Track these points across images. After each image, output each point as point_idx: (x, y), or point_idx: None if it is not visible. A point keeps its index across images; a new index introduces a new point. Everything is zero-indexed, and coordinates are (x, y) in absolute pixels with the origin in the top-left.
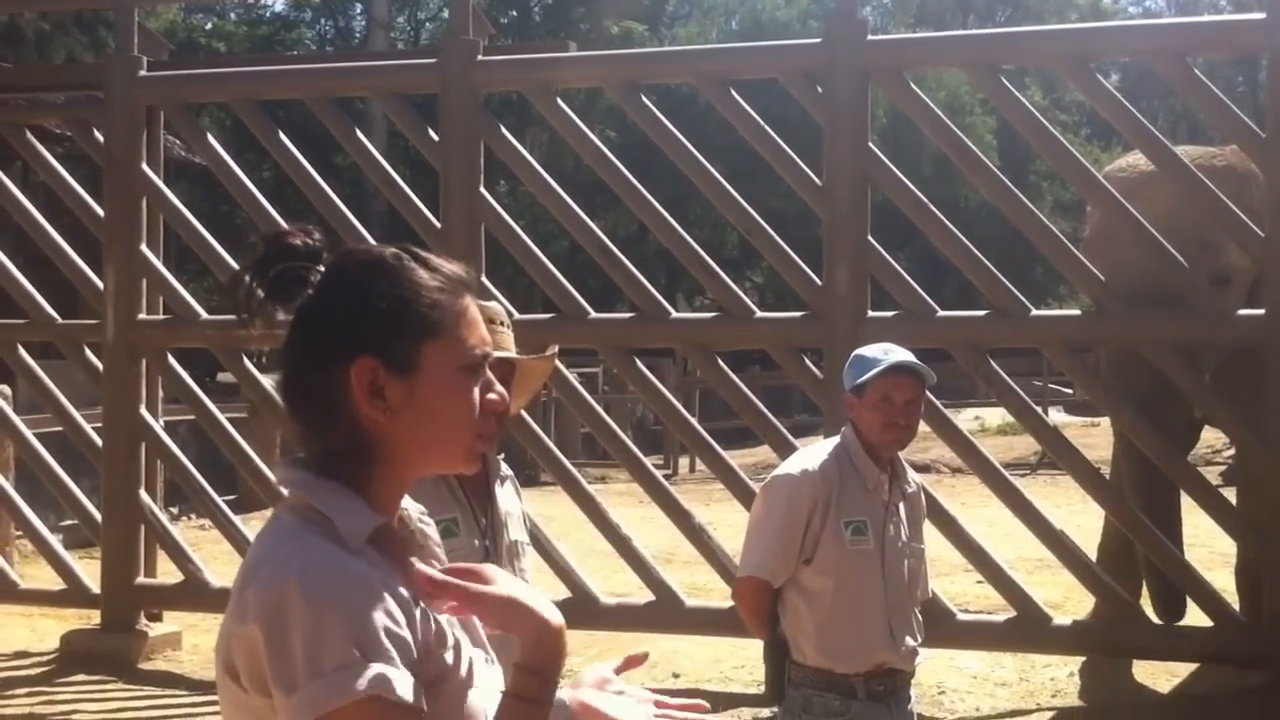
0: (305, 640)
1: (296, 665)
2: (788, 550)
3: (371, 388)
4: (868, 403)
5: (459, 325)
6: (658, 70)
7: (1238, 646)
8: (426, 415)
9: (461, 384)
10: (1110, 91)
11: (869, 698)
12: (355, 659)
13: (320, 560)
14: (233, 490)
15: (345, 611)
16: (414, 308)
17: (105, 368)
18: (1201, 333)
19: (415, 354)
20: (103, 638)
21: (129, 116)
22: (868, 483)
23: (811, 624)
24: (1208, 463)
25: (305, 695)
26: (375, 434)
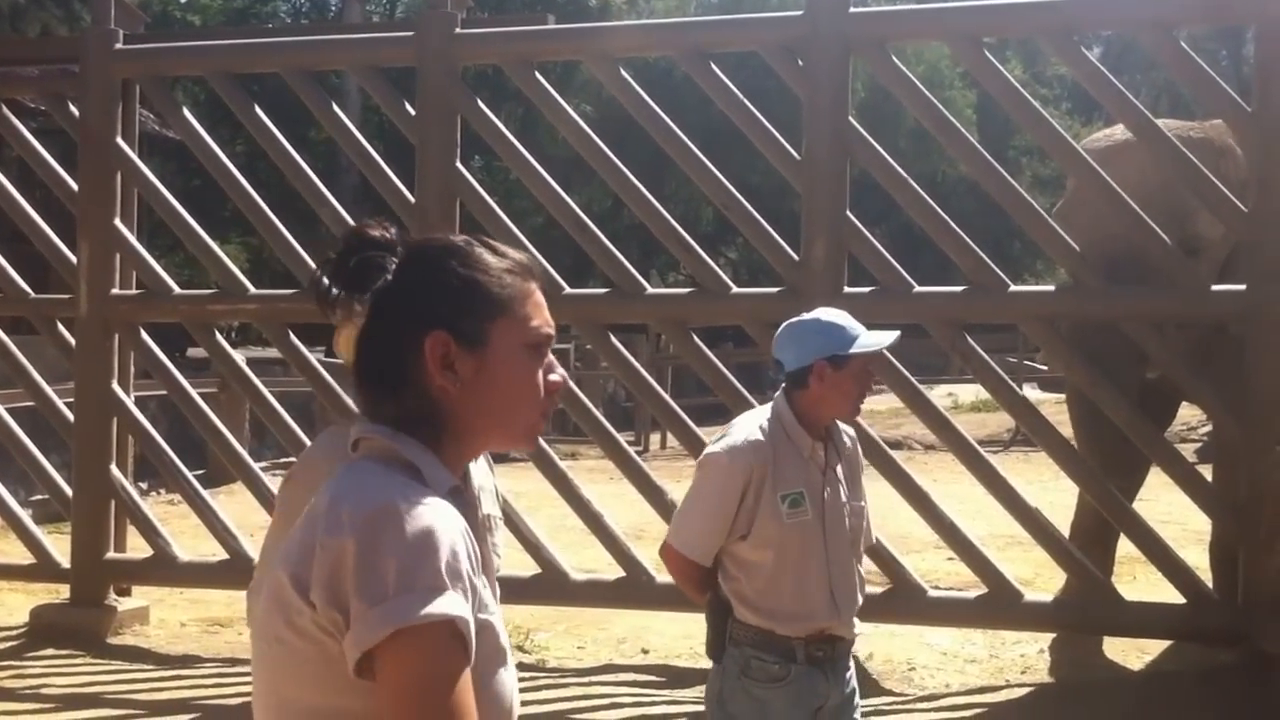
0: (402, 556)
1: (388, 578)
2: (717, 531)
3: (444, 360)
4: (848, 373)
5: (525, 306)
6: (636, 43)
7: (1210, 624)
8: (493, 389)
9: (526, 361)
10: (1093, 64)
11: (808, 662)
12: (444, 584)
13: (418, 493)
14: (202, 465)
15: (441, 539)
16: (484, 287)
17: (77, 342)
18: (1181, 308)
19: (485, 330)
20: (72, 612)
21: (104, 90)
22: (803, 452)
23: (751, 591)
24: (1183, 440)
25: (393, 605)
26: (445, 405)
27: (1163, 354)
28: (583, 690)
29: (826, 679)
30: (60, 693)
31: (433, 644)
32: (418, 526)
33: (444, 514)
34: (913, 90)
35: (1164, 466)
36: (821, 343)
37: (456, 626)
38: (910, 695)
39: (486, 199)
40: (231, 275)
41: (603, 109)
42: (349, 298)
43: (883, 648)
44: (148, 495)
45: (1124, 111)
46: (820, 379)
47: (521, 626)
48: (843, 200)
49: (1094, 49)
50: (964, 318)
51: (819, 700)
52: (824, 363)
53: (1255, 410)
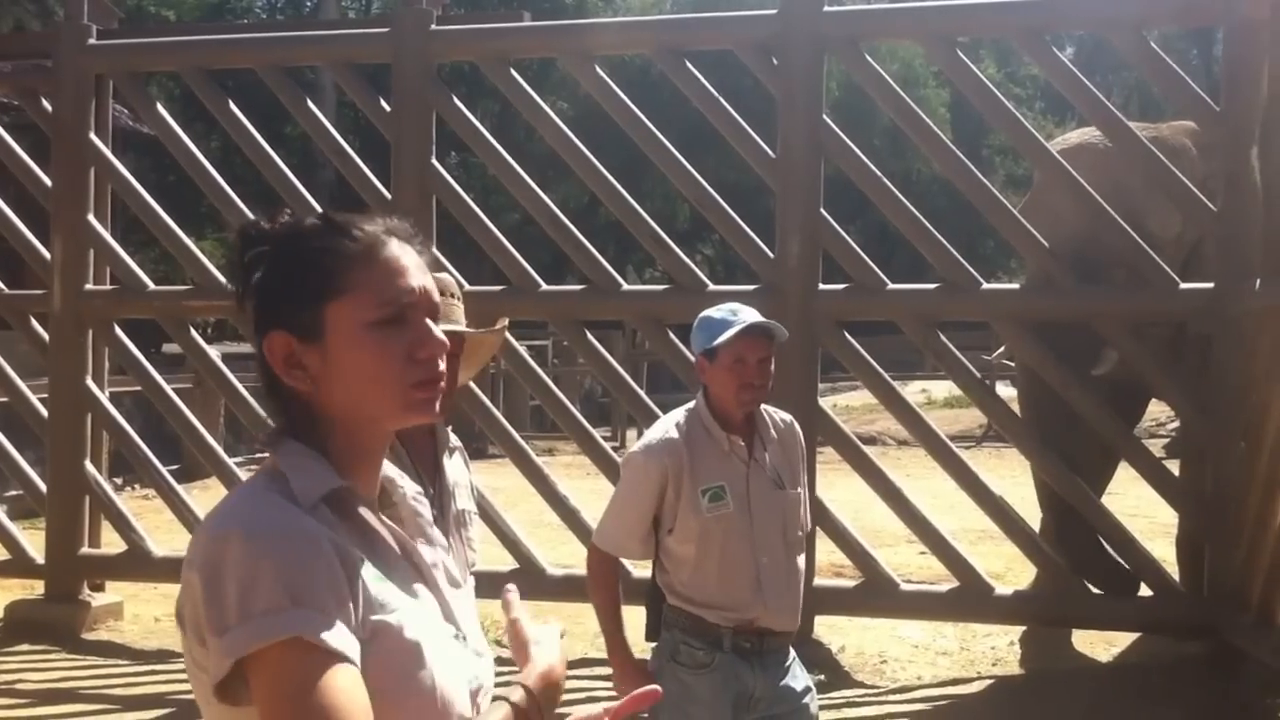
0: (239, 585)
1: (229, 609)
2: (632, 526)
3: (289, 361)
4: (721, 365)
5: (364, 280)
6: (611, 41)
7: (1177, 617)
8: (343, 378)
9: (373, 341)
10: (1065, 65)
11: (734, 651)
12: (284, 604)
13: (266, 513)
14: (177, 460)
15: (281, 559)
16: (314, 272)
17: (51, 338)
18: (1151, 306)
19: (320, 319)
20: (46, 608)
21: (77, 85)
22: (722, 445)
23: (679, 582)
24: (1152, 435)
25: (232, 636)
26: (312, 404)
27: (1133, 351)
28: None
29: (753, 670)
30: (35, 688)
31: (279, 664)
32: (254, 550)
33: (290, 531)
34: (887, 89)
35: (1132, 461)
36: (700, 339)
37: (305, 640)
38: (883, 687)
39: (462, 195)
40: (206, 271)
41: (579, 106)
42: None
43: (855, 640)
44: (122, 490)
45: (1095, 111)
46: (703, 373)
47: (499, 621)
48: (817, 198)
49: (1066, 49)
50: (937, 315)
51: (743, 690)
52: (701, 357)
53: (1222, 407)
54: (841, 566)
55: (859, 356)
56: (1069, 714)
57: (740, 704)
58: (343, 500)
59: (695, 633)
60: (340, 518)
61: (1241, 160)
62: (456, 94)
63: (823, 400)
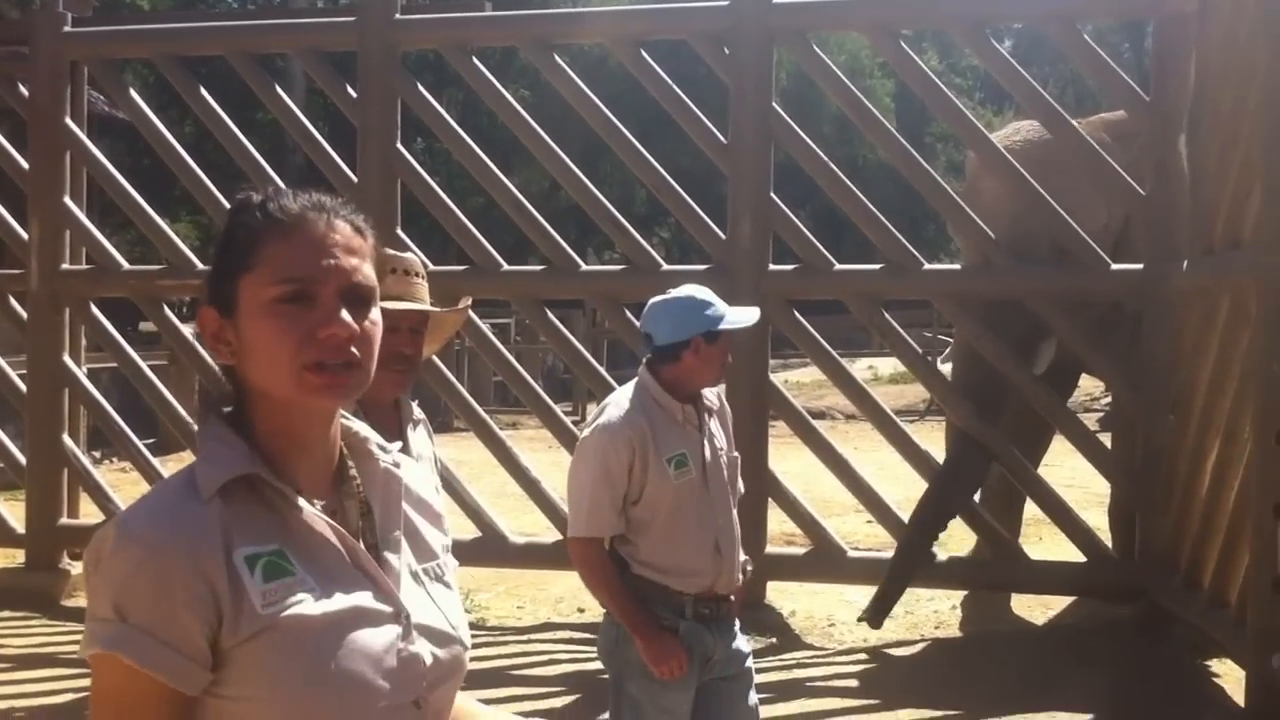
0: (96, 585)
1: (90, 603)
2: (614, 504)
3: (216, 335)
4: (718, 348)
5: (271, 255)
6: (570, 31)
7: (1109, 581)
8: (248, 354)
9: (269, 315)
10: (1004, 56)
11: (695, 618)
12: (111, 616)
13: (147, 510)
14: (153, 434)
15: (125, 570)
16: (230, 247)
17: (29, 316)
18: (1083, 286)
19: (234, 293)
20: (27, 576)
21: (53, 71)
22: (675, 416)
23: (644, 552)
24: (1086, 409)
25: (86, 633)
26: (238, 379)
27: (1066, 329)
28: (522, 647)
29: (712, 634)
30: (16, 653)
31: (99, 674)
32: (116, 551)
33: (151, 539)
34: (834, 79)
35: (1067, 434)
36: (700, 320)
37: (119, 658)
38: (830, 649)
39: (427, 179)
40: (179, 252)
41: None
42: None
43: (805, 605)
44: (100, 463)
45: (1032, 101)
46: (696, 352)
47: (463, 587)
48: (767, 183)
49: (1005, 41)
50: (882, 294)
51: (706, 653)
52: (701, 338)
53: (1151, 381)
54: (792, 535)
55: (808, 334)
56: (1008, 673)
57: (701, 666)
58: (254, 486)
59: (660, 601)
60: (254, 504)
61: (1170, 147)
62: (422, 82)
63: (774, 376)
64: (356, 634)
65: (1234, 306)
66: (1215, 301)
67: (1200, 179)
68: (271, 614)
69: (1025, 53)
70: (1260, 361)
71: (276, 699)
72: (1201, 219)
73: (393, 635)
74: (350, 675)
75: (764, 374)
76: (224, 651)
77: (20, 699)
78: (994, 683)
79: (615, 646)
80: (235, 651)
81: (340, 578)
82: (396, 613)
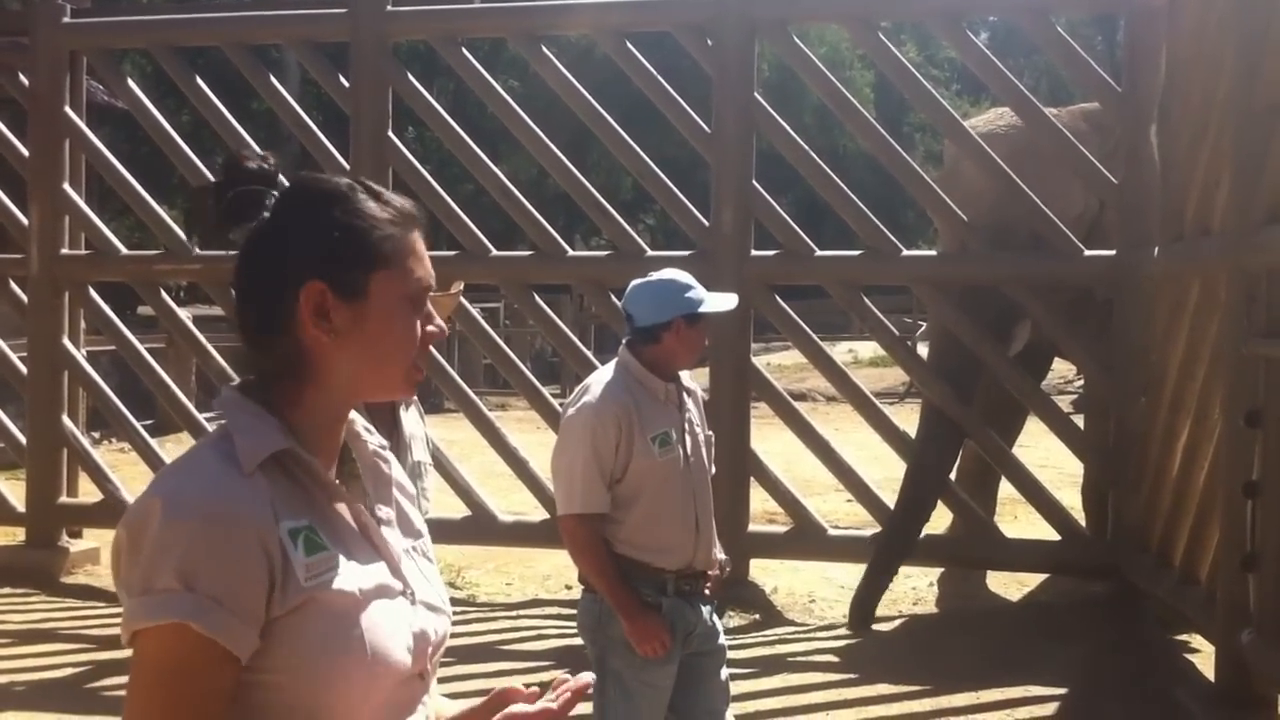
0: (149, 557)
1: (137, 577)
2: (604, 479)
3: (318, 310)
4: (699, 329)
5: (407, 257)
6: (557, 22)
7: (1082, 559)
8: (370, 341)
9: (405, 313)
10: (980, 48)
11: (677, 594)
12: (178, 587)
13: (195, 483)
14: (150, 416)
15: (188, 540)
16: (365, 237)
17: (29, 300)
18: (1056, 272)
19: (364, 282)
20: (27, 553)
21: (52, 61)
22: (658, 394)
23: (626, 529)
24: (1060, 392)
25: (136, 605)
26: (315, 357)
27: (1041, 313)
28: (511, 623)
29: (693, 609)
30: (16, 628)
31: (159, 645)
32: (168, 525)
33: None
34: (814, 70)
35: (1041, 416)
36: (681, 302)
37: (188, 626)
38: (811, 625)
39: (418, 167)
40: (176, 238)
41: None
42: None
43: (786, 582)
44: (99, 444)
45: (1007, 92)
46: (677, 334)
47: (453, 565)
48: (749, 171)
49: (981, 34)
50: (861, 280)
51: (688, 628)
52: (682, 320)
53: (1122, 364)
54: (774, 513)
55: (789, 318)
56: (983, 648)
57: (683, 641)
58: (288, 462)
59: (642, 578)
60: (285, 479)
61: (1141, 137)
62: (413, 72)
63: (756, 359)
64: (381, 609)
65: (1204, 292)
66: (1186, 287)
67: (1171, 168)
68: (312, 587)
69: (1001, 45)
70: (1229, 345)
71: (313, 671)
72: (1172, 207)
73: (406, 610)
74: (379, 648)
75: (746, 357)
76: (269, 622)
77: (20, 674)
78: (970, 658)
79: (598, 623)
80: (278, 622)
81: (359, 554)
82: (404, 588)
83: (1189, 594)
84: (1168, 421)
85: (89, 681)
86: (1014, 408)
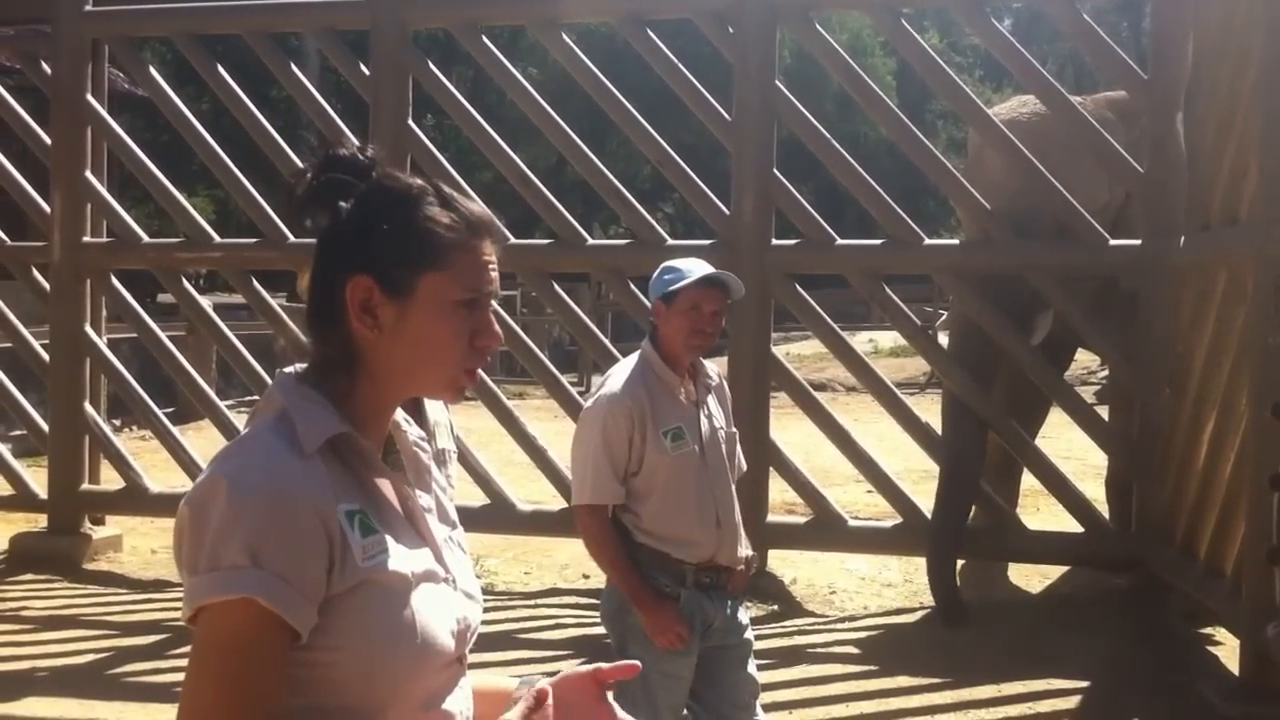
0: (215, 534)
1: (203, 554)
2: (616, 472)
3: (364, 305)
4: (677, 310)
5: (461, 262)
6: (577, 9)
7: (1105, 551)
8: (413, 341)
9: (452, 318)
10: (1003, 35)
11: (696, 587)
12: (246, 561)
13: (259, 462)
14: (171, 403)
15: (255, 517)
16: (420, 237)
17: (52, 287)
18: (1081, 261)
19: (412, 281)
20: (49, 540)
21: (75, 49)
22: (674, 389)
23: (645, 521)
24: (1083, 383)
25: (197, 583)
26: (365, 350)
27: (1065, 303)
28: (529, 612)
29: (712, 602)
30: (39, 614)
31: (228, 620)
32: (236, 502)
33: (274, 487)
34: (836, 57)
35: (1065, 406)
36: (660, 284)
37: (256, 601)
38: (831, 616)
39: (437, 155)
40: (197, 225)
41: (547, 72)
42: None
43: (806, 573)
44: (120, 431)
45: (1031, 79)
46: (659, 317)
47: (472, 553)
48: (770, 159)
49: (1004, 20)
50: (882, 269)
51: (706, 621)
52: (659, 302)
53: (1147, 355)
54: (793, 504)
55: (810, 308)
56: (1004, 641)
57: (702, 633)
58: (343, 447)
59: (661, 568)
60: (339, 464)
61: (1167, 125)
62: (432, 60)
63: (776, 349)
64: (429, 592)
65: (1230, 282)
66: (1212, 277)
67: (1197, 156)
68: (367, 568)
69: (1024, 31)
70: (1256, 336)
71: (365, 650)
72: (1199, 196)
73: (450, 595)
74: (427, 631)
75: (766, 346)
76: (326, 600)
77: (42, 660)
78: (991, 650)
79: (618, 612)
80: (334, 601)
81: (406, 539)
82: (447, 574)
83: (1213, 587)
84: (1193, 413)
85: (111, 668)
86: (1037, 398)
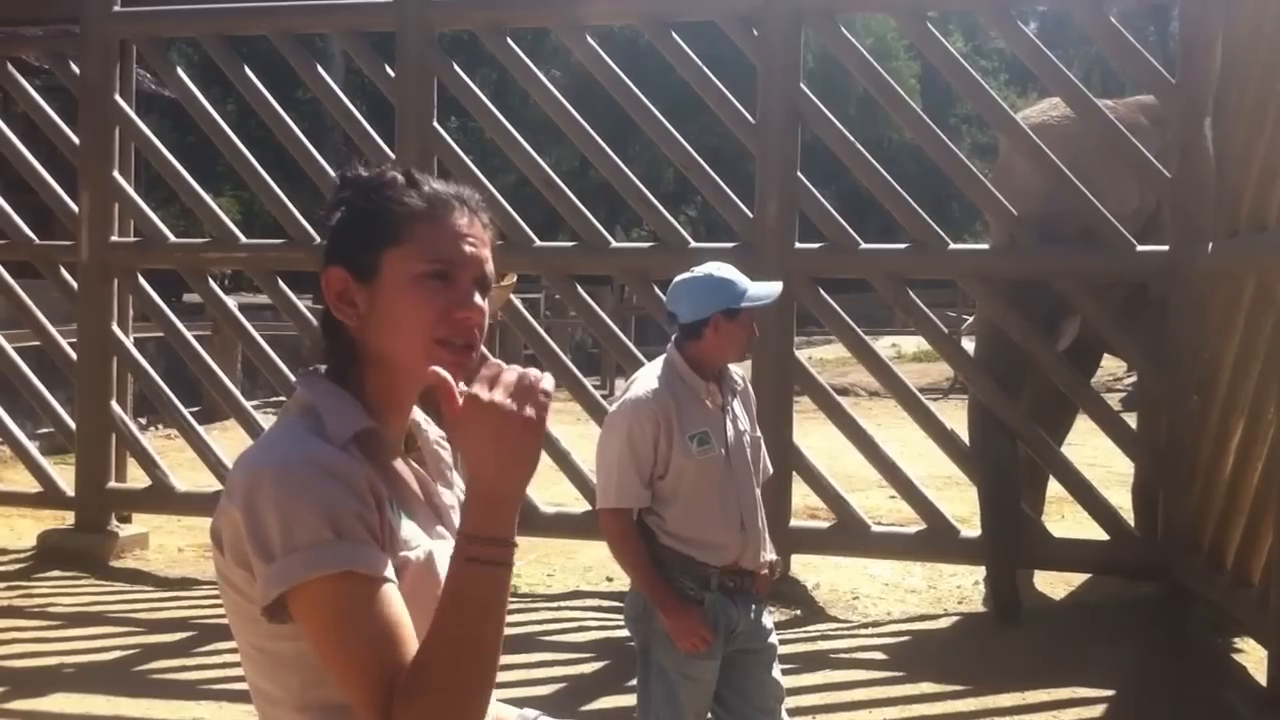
0: (280, 520)
1: (273, 541)
2: (641, 476)
3: (340, 295)
4: (740, 324)
5: (422, 234)
6: (602, 12)
7: (1131, 559)
8: (384, 319)
9: (416, 290)
10: (1029, 38)
11: (720, 590)
12: (329, 538)
13: (302, 447)
14: (197, 402)
15: (318, 495)
16: (379, 218)
17: (79, 286)
18: (1110, 267)
19: (375, 262)
20: (76, 537)
21: (103, 50)
22: (700, 394)
23: (670, 524)
24: (1109, 389)
25: (281, 566)
26: (359, 340)
27: (1093, 309)
28: (552, 614)
29: (737, 606)
30: (66, 611)
31: (331, 591)
32: (289, 486)
33: (325, 468)
34: (860, 60)
35: (1091, 413)
36: (717, 298)
37: (355, 571)
38: (854, 622)
39: (462, 156)
40: (224, 226)
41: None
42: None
43: (829, 578)
44: (146, 430)
45: (1057, 83)
46: (716, 330)
47: None
48: (794, 162)
49: (1030, 23)
50: (907, 273)
51: (731, 625)
52: (720, 315)
53: (1176, 362)
54: (816, 509)
55: (833, 312)
56: (1029, 649)
57: (726, 637)
58: (370, 441)
59: (685, 572)
60: (367, 457)
61: (1195, 130)
62: (457, 61)
63: (799, 353)
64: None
65: (1259, 288)
66: (1240, 283)
67: (1226, 162)
68: (401, 557)
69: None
70: None
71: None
72: (1227, 201)
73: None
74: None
75: (789, 350)
76: None
77: (69, 656)
78: (1015, 658)
79: (642, 615)
80: None
81: (430, 532)
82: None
83: (1240, 596)
84: (1221, 420)
85: (137, 665)
86: (1063, 405)
